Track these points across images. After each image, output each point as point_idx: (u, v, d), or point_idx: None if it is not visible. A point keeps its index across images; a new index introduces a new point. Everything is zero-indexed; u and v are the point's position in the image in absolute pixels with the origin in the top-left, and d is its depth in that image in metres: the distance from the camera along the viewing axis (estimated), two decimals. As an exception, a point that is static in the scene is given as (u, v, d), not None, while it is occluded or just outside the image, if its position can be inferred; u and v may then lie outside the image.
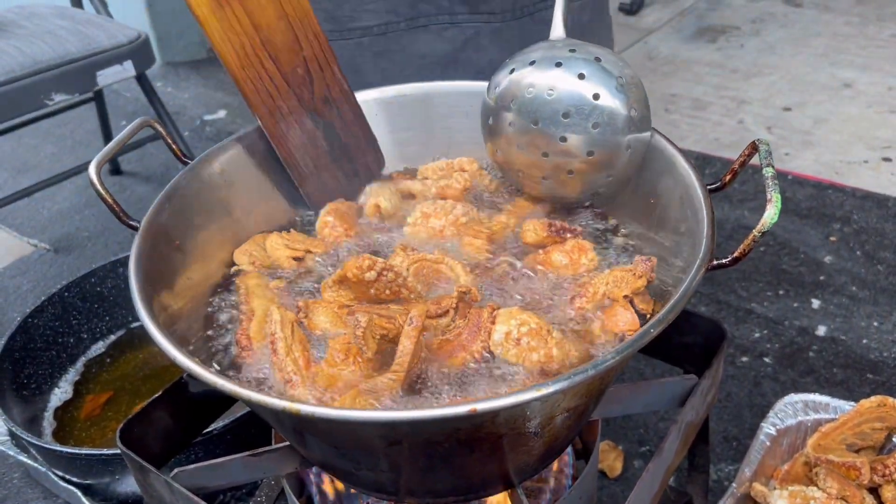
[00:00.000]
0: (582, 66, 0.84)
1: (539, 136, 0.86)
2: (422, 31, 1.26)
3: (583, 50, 0.85)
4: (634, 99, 0.84)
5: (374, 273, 0.79)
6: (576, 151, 0.85)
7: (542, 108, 0.85)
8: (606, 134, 0.84)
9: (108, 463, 1.41)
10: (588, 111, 0.83)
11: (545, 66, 0.85)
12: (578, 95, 0.83)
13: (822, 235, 2.26)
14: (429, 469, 0.75)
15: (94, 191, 0.84)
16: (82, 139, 3.12)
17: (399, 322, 0.75)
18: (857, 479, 1.15)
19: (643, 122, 0.85)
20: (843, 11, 3.79)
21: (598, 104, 0.83)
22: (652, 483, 0.87)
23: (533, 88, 0.85)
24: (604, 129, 0.83)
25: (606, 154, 0.85)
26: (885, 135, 2.78)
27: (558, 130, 0.85)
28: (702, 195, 0.79)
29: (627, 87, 0.83)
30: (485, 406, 0.58)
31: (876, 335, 1.88)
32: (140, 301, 0.74)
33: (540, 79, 0.85)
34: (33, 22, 2.16)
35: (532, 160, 0.89)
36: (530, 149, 0.88)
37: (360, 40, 1.26)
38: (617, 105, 0.83)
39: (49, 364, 1.75)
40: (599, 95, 0.83)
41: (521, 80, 0.86)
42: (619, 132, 0.84)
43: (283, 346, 0.75)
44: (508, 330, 0.74)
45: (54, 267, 2.40)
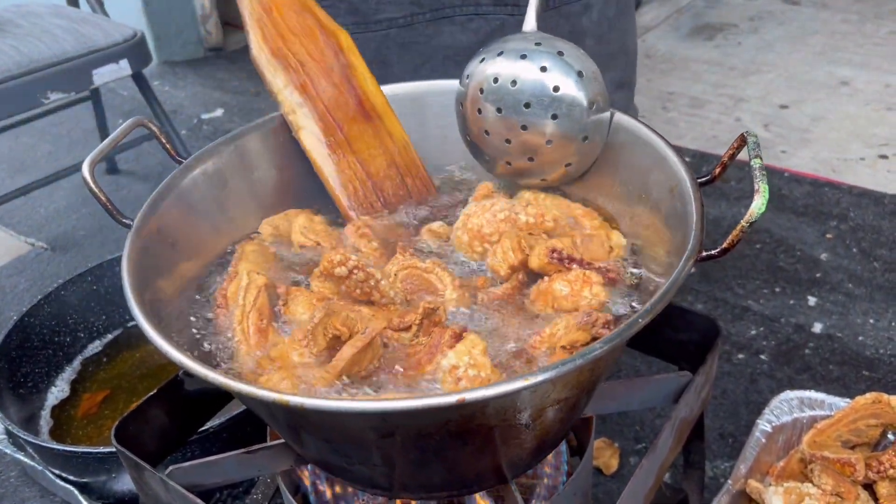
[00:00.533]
0: (545, 59, 0.87)
1: (502, 123, 0.91)
2: (447, 23, 1.26)
3: (548, 44, 0.89)
4: (594, 93, 0.87)
5: (345, 269, 0.80)
6: (535, 139, 0.90)
7: (505, 97, 0.89)
8: (564, 125, 0.88)
9: (104, 461, 1.41)
10: (548, 102, 0.87)
11: (511, 57, 0.89)
12: (540, 86, 0.87)
13: (819, 233, 2.26)
14: (422, 463, 0.75)
15: (88, 189, 0.84)
16: (79, 138, 3.12)
17: (356, 328, 0.75)
18: (852, 475, 1.15)
19: (601, 115, 0.89)
20: (840, 9, 3.80)
21: (558, 96, 0.87)
22: (646, 479, 0.87)
23: (499, 78, 0.89)
24: (562, 120, 0.88)
25: (564, 143, 0.90)
26: (882, 132, 2.78)
27: (519, 119, 0.89)
28: (691, 188, 0.79)
29: (587, 80, 0.87)
30: (473, 395, 0.58)
31: (872, 332, 1.89)
32: (133, 299, 0.74)
33: (505, 69, 0.89)
34: (29, 20, 2.16)
35: (496, 145, 0.93)
36: (494, 134, 0.92)
37: (387, 32, 1.27)
38: (576, 97, 0.87)
39: (46, 362, 1.76)
40: (559, 87, 0.87)
41: (488, 70, 0.90)
42: (577, 123, 0.88)
43: (238, 311, 0.79)
44: (456, 364, 0.72)
45: (51, 266, 2.40)
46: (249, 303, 0.80)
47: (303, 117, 0.95)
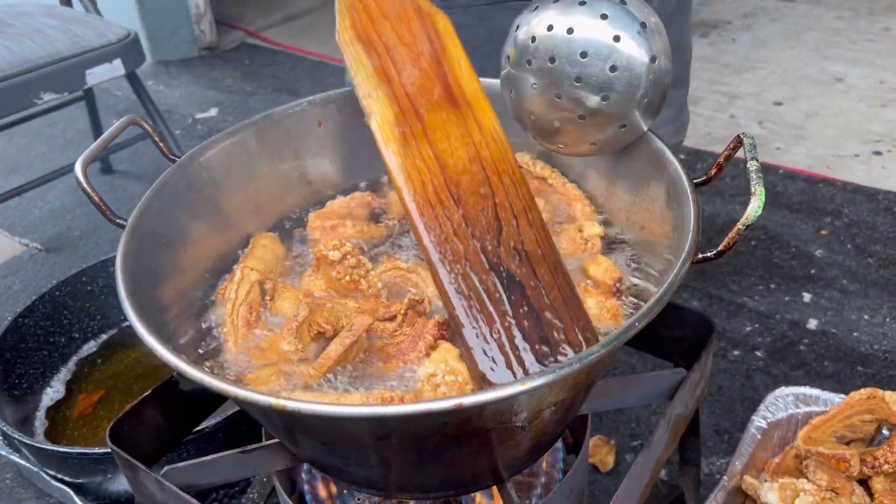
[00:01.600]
0: (605, 7, 0.81)
1: (554, 75, 0.84)
2: (501, 8, 1.26)
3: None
4: (656, 46, 0.81)
5: (338, 254, 0.80)
6: (590, 93, 0.83)
7: (559, 46, 0.83)
8: (623, 78, 0.81)
9: (99, 462, 1.40)
10: (606, 53, 0.81)
11: (569, 4, 0.83)
12: (597, 36, 0.81)
13: (814, 229, 2.27)
14: (418, 464, 0.75)
15: (81, 189, 0.83)
16: (73, 138, 3.11)
17: (340, 325, 0.76)
18: (847, 471, 1.16)
19: (662, 72, 0.82)
20: (834, 6, 3.80)
21: (617, 46, 0.81)
22: (641, 476, 0.87)
23: (553, 25, 0.83)
24: (621, 73, 0.81)
25: (621, 99, 0.83)
26: (876, 129, 2.79)
27: (574, 70, 0.82)
28: (688, 189, 0.79)
29: (651, 33, 0.81)
30: (471, 400, 0.58)
31: (867, 328, 1.89)
32: (127, 299, 0.74)
33: (561, 17, 0.83)
34: (22, 21, 2.16)
35: (545, 101, 0.86)
36: (545, 89, 0.85)
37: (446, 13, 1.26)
38: (636, 49, 0.80)
39: (41, 363, 1.75)
40: (620, 38, 0.80)
41: (543, 17, 0.84)
42: (636, 78, 0.81)
43: (229, 305, 0.80)
44: (434, 372, 0.72)
45: (45, 266, 2.39)
46: (241, 297, 0.80)
47: (376, 102, 0.89)
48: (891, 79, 3.10)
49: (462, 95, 0.91)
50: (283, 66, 3.67)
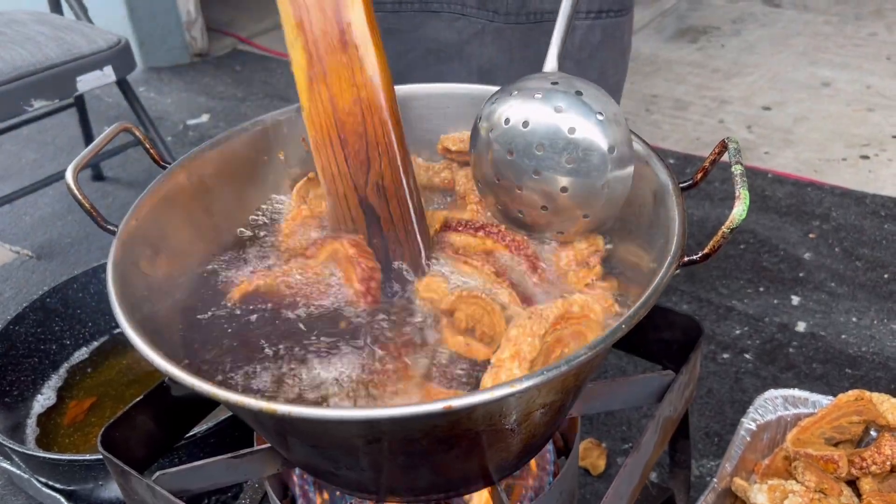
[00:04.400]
0: (560, 100, 0.81)
1: (513, 168, 0.84)
2: (433, 17, 1.27)
3: (566, 83, 0.83)
4: (614, 136, 0.80)
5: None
6: (548, 186, 0.83)
7: (516, 139, 0.83)
8: (581, 170, 0.81)
9: (91, 468, 1.40)
10: (562, 145, 0.80)
11: (525, 97, 0.83)
12: (553, 128, 0.81)
13: (802, 232, 2.28)
14: (409, 467, 0.76)
15: (72, 196, 0.84)
16: (64, 145, 3.11)
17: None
18: (836, 472, 1.17)
19: (623, 161, 0.81)
20: (821, 11, 3.84)
21: (574, 138, 0.80)
22: (630, 478, 0.88)
23: (510, 119, 0.83)
24: (578, 166, 0.80)
25: (581, 191, 0.82)
26: (863, 132, 2.82)
27: (531, 163, 0.82)
28: (674, 193, 0.80)
29: (607, 123, 0.80)
30: (460, 403, 0.58)
31: (854, 330, 1.91)
32: (118, 306, 0.74)
33: (518, 110, 0.83)
34: (12, 28, 2.15)
35: (508, 193, 0.87)
36: (505, 181, 0.86)
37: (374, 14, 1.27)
38: (594, 140, 0.79)
39: (32, 371, 1.75)
40: (575, 129, 0.80)
41: (501, 110, 0.84)
42: (595, 169, 0.80)
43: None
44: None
45: (36, 273, 2.39)
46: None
47: (295, 50, 0.91)
48: (878, 83, 3.14)
49: (352, 39, 0.93)
50: (275, 73, 3.68)
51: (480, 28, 1.26)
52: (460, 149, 1.02)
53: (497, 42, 1.28)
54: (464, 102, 1.05)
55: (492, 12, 1.25)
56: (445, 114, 1.05)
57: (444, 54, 1.25)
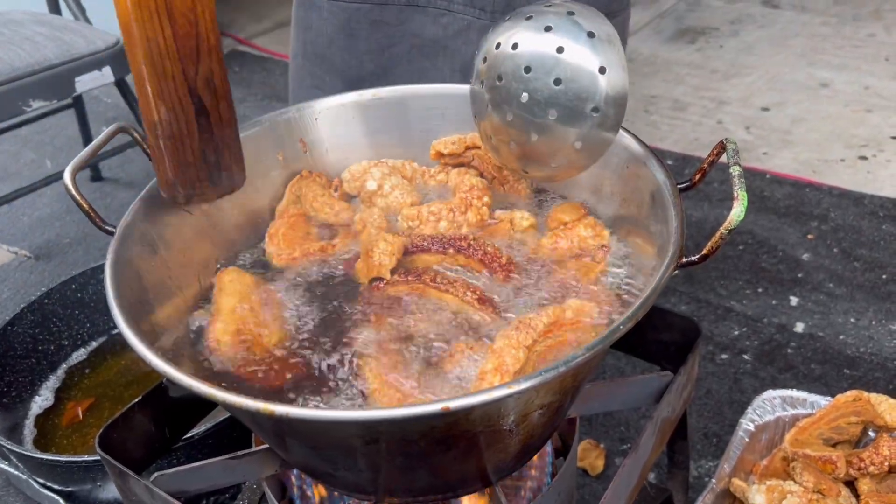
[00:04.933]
0: (551, 20, 0.77)
1: (502, 94, 0.80)
2: (420, 12, 1.26)
3: (559, 5, 0.79)
4: (605, 56, 0.75)
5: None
6: (536, 110, 0.78)
7: (505, 62, 0.79)
8: (570, 92, 0.76)
9: (89, 469, 1.40)
10: (549, 66, 0.76)
11: (516, 20, 0.80)
12: (541, 49, 0.77)
13: (800, 233, 2.28)
14: (407, 468, 0.76)
15: (70, 197, 0.84)
16: (62, 145, 3.10)
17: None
18: (834, 472, 1.17)
19: (616, 82, 0.76)
20: (820, 12, 3.84)
21: (562, 58, 0.75)
22: (629, 479, 0.88)
23: (501, 43, 0.80)
24: (567, 87, 0.75)
25: (571, 115, 0.77)
26: (861, 133, 2.82)
27: (519, 86, 0.78)
28: (672, 193, 0.80)
29: (598, 42, 0.75)
30: (458, 404, 0.58)
31: (853, 331, 1.91)
32: (116, 307, 0.74)
33: (508, 33, 0.80)
34: (10, 28, 2.15)
35: (499, 122, 0.82)
36: (497, 109, 0.82)
37: (360, 6, 1.26)
38: (582, 60, 0.75)
39: (29, 371, 1.74)
40: (563, 49, 0.76)
41: (494, 36, 0.82)
42: (585, 91, 0.76)
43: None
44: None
45: (35, 274, 2.38)
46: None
47: None
48: (876, 84, 3.14)
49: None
50: (273, 73, 3.68)
51: (466, 25, 1.26)
52: (452, 151, 1.02)
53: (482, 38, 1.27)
54: (463, 103, 1.04)
55: (479, 9, 1.24)
56: (444, 115, 1.05)
57: (429, 49, 1.24)
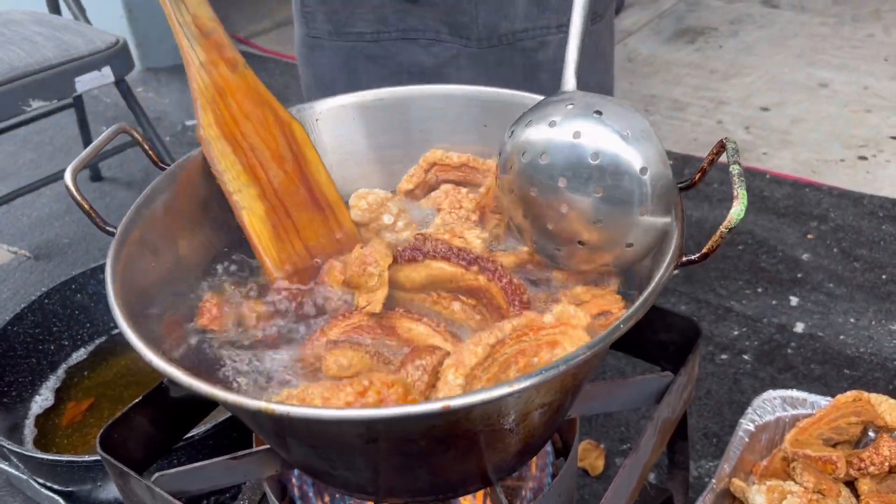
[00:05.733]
0: (578, 124, 0.73)
1: (539, 206, 0.77)
2: (411, 44, 1.30)
3: (582, 104, 0.75)
4: (645, 155, 0.71)
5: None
6: (580, 221, 0.75)
7: (536, 174, 0.75)
8: (614, 198, 0.72)
9: (89, 469, 1.40)
10: (587, 174, 0.72)
11: (539, 125, 0.76)
12: (574, 157, 0.73)
13: (800, 233, 2.29)
14: (407, 468, 0.76)
15: (71, 197, 0.84)
16: (62, 146, 3.11)
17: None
18: (834, 472, 1.17)
19: (660, 178, 0.72)
20: (819, 12, 3.84)
21: (598, 164, 0.72)
22: (629, 479, 0.88)
23: (527, 153, 0.76)
24: (609, 194, 0.72)
25: (618, 221, 0.74)
26: (860, 133, 2.82)
27: (557, 198, 0.74)
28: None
29: (634, 141, 0.71)
30: (458, 402, 0.58)
31: (853, 331, 1.91)
32: (117, 307, 0.74)
33: (533, 142, 0.75)
34: (10, 28, 2.15)
35: (541, 231, 0.79)
36: (535, 219, 0.78)
37: (355, 44, 1.31)
38: (620, 164, 0.71)
39: (29, 371, 1.74)
40: (598, 155, 0.72)
41: (518, 144, 0.77)
42: (629, 194, 0.72)
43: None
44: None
45: (34, 274, 2.38)
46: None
47: (248, 198, 0.92)
48: (875, 84, 3.14)
49: (324, 199, 0.97)
50: (273, 73, 3.68)
51: (456, 52, 1.29)
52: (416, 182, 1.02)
53: (472, 65, 1.30)
54: (462, 104, 1.05)
55: (465, 38, 1.27)
56: (444, 115, 1.05)
57: (424, 76, 1.30)
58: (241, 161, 0.93)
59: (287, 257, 0.91)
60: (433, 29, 1.28)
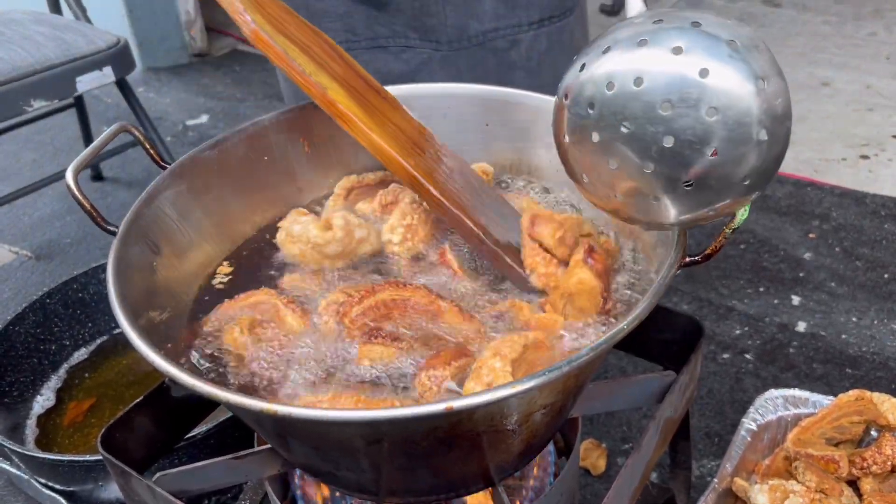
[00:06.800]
0: (675, 38, 0.62)
1: (634, 143, 0.64)
2: (382, 52, 1.29)
3: (673, 18, 0.64)
4: (759, 65, 0.61)
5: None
6: (691, 154, 0.63)
7: (629, 104, 0.63)
8: (729, 121, 0.61)
9: (91, 469, 1.40)
10: (696, 95, 0.61)
11: (625, 48, 0.64)
12: (678, 77, 0.61)
13: (802, 232, 2.28)
14: (409, 468, 0.76)
15: (72, 197, 0.84)
16: (63, 145, 3.11)
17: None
18: (836, 472, 1.17)
19: (778, 93, 0.63)
20: (821, 11, 3.84)
21: (708, 83, 0.61)
22: (631, 478, 0.87)
23: (614, 81, 0.64)
24: (724, 115, 0.61)
25: (735, 148, 0.63)
26: (862, 132, 2.81)
27: (660, 129, 0.63)
28: (675, 193, 0.79)
29: (745, 51, 0.61)
30: (461, 404, 0.58)
31: (855, 330, 1.91)
32: (118, 306, 0.74)
33: (621, 66, 0.64)
34: (11, 28, 2.15)
35: (631, 180, 0.67)
36: (626, 165, 0.66)
37: None
38: (735, 78, 0.61)
39: (31, 371, 1.74)
40: (708, 71, 0.61)
41: (597, 75, 0.65)
42: (746, 114, 0.62)
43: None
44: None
45: (36, 274, 2.38)
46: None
47: (327, 79, 0.89)
48: (877, 83, 3.13)
49: (382, 90, 0.98)
50: (273, 73, 3.67)
51: (427, 57, 1.28)
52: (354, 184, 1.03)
53: (445, 68, 1.29)
54: (464, 102, 1.05)
55: (434, 42, 1.27)
56: (445, 115, 1.05)
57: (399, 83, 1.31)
58: (304, 52, 0.90)
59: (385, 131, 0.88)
60: (402, 34, 1.27)
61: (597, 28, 0.97)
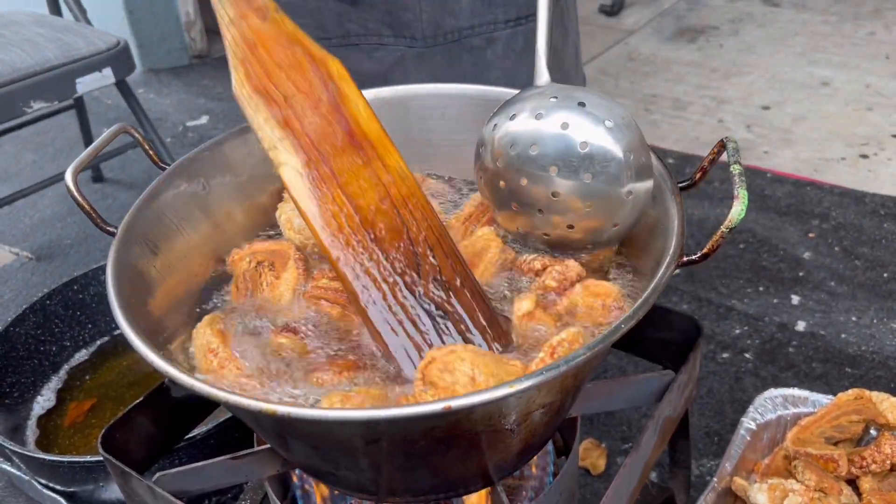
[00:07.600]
0: (564, 115, 0.79)
1: (530, 194, 0.82)
2: (353, 50, 1.27)
3: (565, 96, 0.81)
4: (627, 141, 0.79)
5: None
6: (572, 205, 0.81)
7: (526, 165, 0.81)
8: (601, 183, 0.79)
9: (91, 470, 1.40)
10: (577, 162, 0.79)
11: (526, 118, 0.81)
12: (564, 147, 0.79)
13: (802, 232, 2.28)
14: (408, 468, 0.76)
15: (72, 198, 0.84)
16: (63, 147, 3.11)
17: None
18: (836, 471, 1.17)
19: (641, 162, 0.80)
20: (820, 10, 3.84)
21: (587, 153, 0.78)
22: (630, 478, 0.88)
23: (515, 145, 0.81)
24: (597, 179, 0.79)
25: (606, 204, 0.81)
26: (862, 132, 2.82)
27: (549, 186, 0.81)
28: (673, 192, 0.80)
29: (617, 129, 0.78)
30: (459, 403, 0.58)
31: (854, 329, 1.91)
32: (118, 307, 0.74)
33: (522, 134, 0.81)
34: (11, 30, 2.15)
35: (531, 219, 0.85)
36: (526, 208, 0.84)
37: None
38: (607, 150, 0.78)
39: (31, 372, 1.75)
40: (587, 143, 0.78)
41: (503, 136, 0.83)
42: (615, 179, 0.79)
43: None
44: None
45: (36, 275, 2.39)
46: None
47: (283, 153, 0.89)
48: (876, 82, 3.14)
49: (365, 138, 0.91)
50: (274, 74, 3.68)
51: (400, 55, 1.26)
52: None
53: (419, 66, 1.27)
54: (462, 103, 1.05)
55: (409, 38, 1.25)
56: (444, 115, 1.05)
57: (370, 84, 1.28)
58: (274, 115, 0.89)
59: (326, 210, 0.86)
60: (375, 32, 1.25)
61: (597, 28, 0.98)
